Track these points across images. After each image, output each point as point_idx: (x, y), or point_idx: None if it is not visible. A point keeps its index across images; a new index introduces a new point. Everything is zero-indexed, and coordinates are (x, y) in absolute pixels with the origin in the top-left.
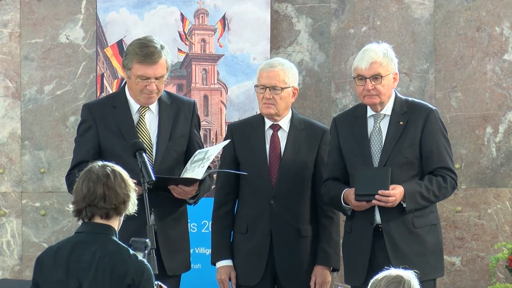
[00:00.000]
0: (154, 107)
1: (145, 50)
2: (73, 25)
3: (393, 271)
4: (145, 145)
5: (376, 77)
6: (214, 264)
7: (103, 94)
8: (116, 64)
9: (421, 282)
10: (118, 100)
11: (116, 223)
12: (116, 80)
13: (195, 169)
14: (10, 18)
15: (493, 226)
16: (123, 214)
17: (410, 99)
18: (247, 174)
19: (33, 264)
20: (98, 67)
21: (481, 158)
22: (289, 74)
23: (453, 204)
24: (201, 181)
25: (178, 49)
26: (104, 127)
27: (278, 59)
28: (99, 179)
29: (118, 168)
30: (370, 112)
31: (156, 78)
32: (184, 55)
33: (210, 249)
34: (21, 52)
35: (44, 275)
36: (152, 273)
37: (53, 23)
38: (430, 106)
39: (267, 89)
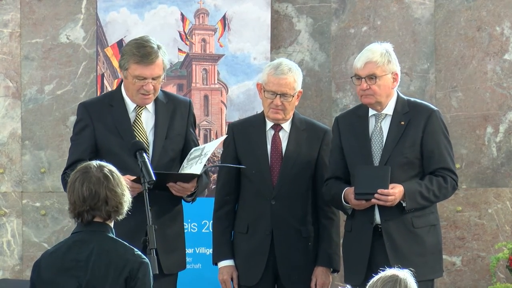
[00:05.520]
0: (150, 106)
1: (142, 51)
2: (74, 25)
3: (388, 271)
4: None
5: (371, 77)
6: (216, 264)
7: None
8: (117, 64)
9: (419, 282)
10: (114, 99)
11: (112, 222)
12: (116, 80)
13: (193, 166)
14: (10, 18)
15: (493, 226)
16: (122, 214)
17: (412, 99)
18: (246, 167)
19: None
20: (99, 67)
21: (482, 158)
22: (298, 80)
23: (454, 204)
24: (198, 178)
25: (179, 49)
26: (101, 126)
27: (286, 63)
28: (100, 181)
29: (112, 167)
30: (371, 111)
31: (153, 79)
32: (184, 55)
33: (212, 249)
34: (22, 52)
35: (43, 278)
36: (150, 267)
37: (53, 23)
38: (432, 106)
39: (278, 96)
